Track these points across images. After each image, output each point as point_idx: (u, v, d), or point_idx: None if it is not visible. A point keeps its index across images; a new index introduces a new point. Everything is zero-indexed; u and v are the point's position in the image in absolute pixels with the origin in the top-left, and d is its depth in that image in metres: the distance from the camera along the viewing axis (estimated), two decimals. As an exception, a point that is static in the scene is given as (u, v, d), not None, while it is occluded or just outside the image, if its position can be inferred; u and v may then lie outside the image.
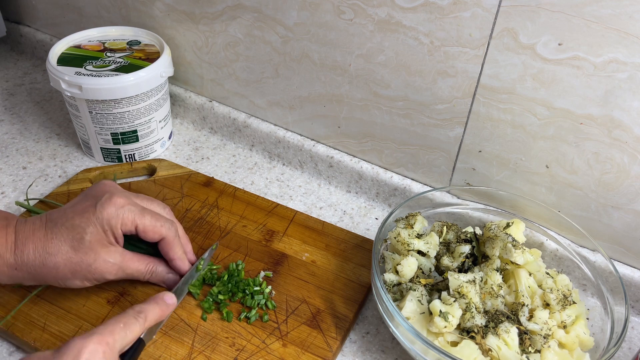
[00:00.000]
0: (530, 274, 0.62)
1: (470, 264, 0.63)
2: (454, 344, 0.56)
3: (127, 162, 0.85)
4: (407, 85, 0.70)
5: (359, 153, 0.81)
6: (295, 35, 0.75)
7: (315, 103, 0.80)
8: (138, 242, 0.65)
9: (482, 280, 0.60)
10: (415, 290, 0.59)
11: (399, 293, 0.61)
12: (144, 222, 0.60)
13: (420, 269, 0.63)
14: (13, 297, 0.63)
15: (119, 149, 0.83)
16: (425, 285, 0.61)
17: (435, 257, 0.65)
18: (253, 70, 0.83)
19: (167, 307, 0.55)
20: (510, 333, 0.56)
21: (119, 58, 0.81)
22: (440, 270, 0.64)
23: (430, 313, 0.56)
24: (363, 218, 0.80)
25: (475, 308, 0.56)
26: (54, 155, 0.87)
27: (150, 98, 0.81)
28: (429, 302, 0.58)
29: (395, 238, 0.64)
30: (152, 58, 0.82)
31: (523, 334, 0.57)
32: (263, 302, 0.63)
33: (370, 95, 0.74)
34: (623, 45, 0.55)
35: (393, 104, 0.73)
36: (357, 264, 0.70)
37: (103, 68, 0.79)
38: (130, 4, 0.89)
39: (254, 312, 0.62)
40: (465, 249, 0.63)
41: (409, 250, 0.63)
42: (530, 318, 0.58)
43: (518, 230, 0.66)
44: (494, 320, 0.57)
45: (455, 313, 0.55)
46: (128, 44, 0.85)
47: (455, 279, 0.58)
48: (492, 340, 0.55)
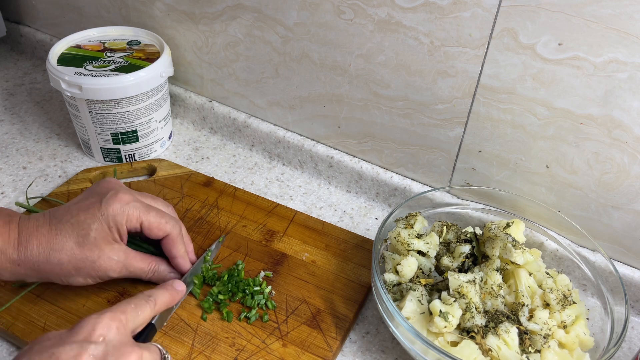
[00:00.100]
0: (530, 274, 0.62)
1: (470, 264, 0.63)
2: (454, 344, 0.56)
3: (127, 162, 0.85)
4: (407, 85, 0.70)
5: (359, 153, 0.81)
6: (295, 35, 0.75)
7: (315, 103, 0.80)
8: (140, 241, 0.65)
9: (482, 280, 0.60)
10: (415, 290, 0.59)
11: (399, 293, 0.61)
12: (149, 218, 0.60)
13: (420, 269, 0.63)
14: (13, 297, 0.63)
15: (119, 149, 0.83)
16: (425, 285, 0.61)
17: (435, 257, 0.65)
18: (253, 70, 0.83)
19: (176, 293, 0.56)
20: (510, 333, 0.56)
21: (119, 58, 0.81)
22: (440, 270, 0.64)
23: (430, 313, 0.56)
24: (363, 218, 0.80)
25: (475, 308, 0.56)
26: (54, 155, 0.87)
27: (150, 98, 0.81)
28: (429, 302, 0.58)
29: (395, 238, 0.64)
30: (152, 58, 0.82)
31: (523, 334, 0.57)
32: (263, 302, 0.63)
33: (370, 95, 0.74)
34: (623, 45, 0.55)
35: (393, 104, 0.73)
36: (357, 264, 0.70)
37: (103, 68, 0.79)
38: (130, 4, 0.89)
39: (254, 312, 0.62)
40: (465, 249, 0.63)
41: (409, 250, 0.63)
42: (530, 318, 0.58)
43: (518, 230, 0.66)
44: (494, 320, 0.57)
45: (455, 313, 0.55)
46: (128, 44, 0.85)
47: (455, 279, 0.58)
48: (492, 340, 0.55)
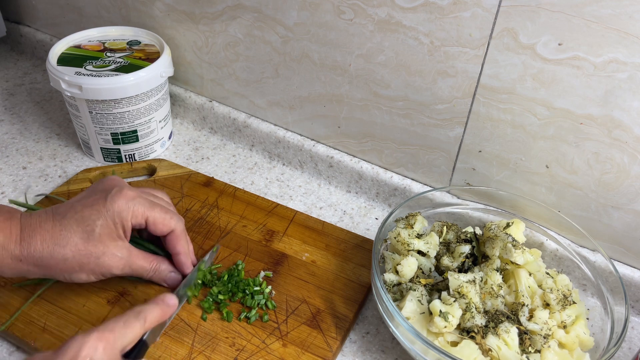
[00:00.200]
0: (530, 274, 0.62)
1: (470, 264, 0.63)
2: (454, 344, 0.56)
3: (127, 162, 0.85)
4: (407, 85, 0.70)
5: (359, 153, 0.81)
6: (295, 35, 0.75)
7: (315, 103, 0.80)
8: (142, 240, 0.65)
9: (482, 280, 0.60)
10: (415, 290, 0.59)
11: (399, 293, 0.61)
12: (154, 214, 0.60)
13: (420, 269, 0.63)
14: (14, 297, 0.63)
15: (119, 149, 0.83)
16: (425, 285, 0.61)
17: (435, 257, 0.65)
18: (253, 70, 0.83)
19: (167, 308, 0.54)
20: (510, 333, 0.56)
21: (119, 58, 0.81)
22: (440, 270, 0.64)
23: (430, 313, 0.56)
24: (363, 218, 0.80)
25: (475, 308, 0.56)
26: (54, 155, 0.87)
27: (150, 98, 0.81)
28: (429, 302, 0.58)
29: (395, 238, 0.64)
30: (152, 58, 0.82)
31: (523, 334, 0.57)
32: (263, 302, 0.63)
33: (370, 95, 0.74)
34: (623, 45, 0.55)
35: (393, 104, 0.73)
36: (357, 264, 0.70)
37: (103, 68, 0.79)
38: (130, 4, 0.89)
39: (254, 312, 0.62)
40: (465, 249, 0.63)
41: (409, 250, 0.63)
42: (530, 318, 0.58)
43: (518, 230, 0.66)
44: (494, 320, 0.57)
45: (455, 313, 0.55)
46: (128, 44, 0.85)
47: (455, 279, 0.58)
48: (492, 340, 0.55)
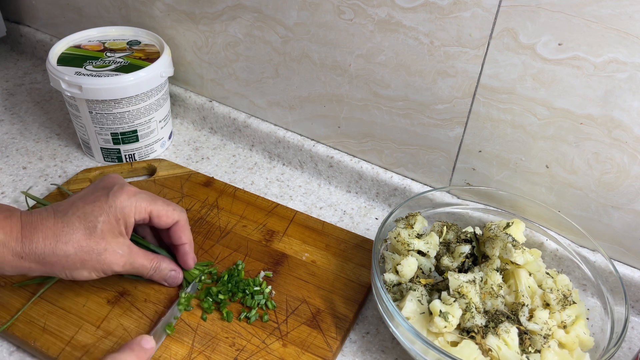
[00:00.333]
0: (530, 274, 0.62)
1: (470, 264, 0.63)
2: (454, 344, 0.56)
3: (127, 162, 0.85)
4: (407, 85, 0.70)
5: (359, 153, 0.81)
6: (295, 35, 0.75)
7: (315, 103, 0.80)
8: (142, 240, 0.66)
9: (482, 280, 0.60)
10: (415, 290, 0.59)
11: (399, 293, 0.61)
12: (157, 207, 0.60)
13: (420, 269, 0.63)
14: (14, 297, 0.63)
15: (119, 149, 0.83)
16: (425, 285, 0.61)
17: (435, 257, 0.65)
18: (253, 70, 0.83)
19: (144, 352, 0.52)
20: (510, 333, 0.56)
21: (119, 58, 0.81)
22: (440, 270, 0.64)
23: (430, 313, 0.56)
24: (363, 218, 0.80)
25: (475, 308, 0.56)
26: (54, 155, 0.87)
27: (150, 98, 0.81)
28: (429, 302, 0.58)
29: (395, 238, 0.64)
30: (152, 58, 0.82)
31: (523, 334, 0.57)
32: (263, 302, 0.63)
33: (370, 95, 0.74)
34: (623, 45, 0.55)
35: (393, 104, 0.73)
36: (357, 264, 0.70)
37: (103, 68, 0.79)
38: (130, 4, 0.89)
39: (254, 312, 0.62)
40: (465, 249, 0.63)
41: (409, 250, 0.63)
42: (530, 318, 0.58)
43: (518, 230, 0.66)
44: (494, 320, 0.57)
45: (455, 313, 0.55)
46: (128, 44, 0.85)
47: (455, 279, 0.58)
48: (492, 340, 0.55)
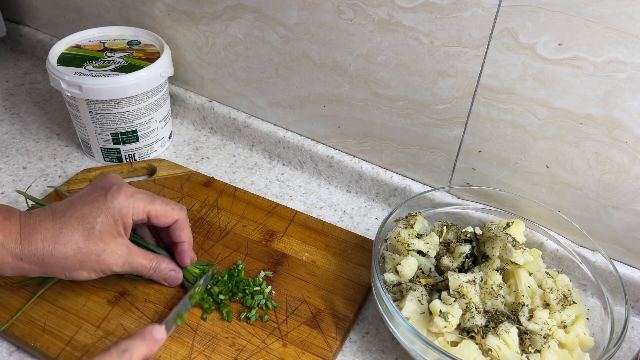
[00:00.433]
0: (530, 274, 0.62)
1: (470, 264, 0.63)
2: (454, 344, 0.56)
3: (127, 162, 0.85)
4: (407, 85, 0.70)
5: (359, 153, 0.81)
6: (295, 35, 0.75)
7: (315, 103, 0.80)
8: (142, 240, 0.66)
9: (482, 280, 0.60)
10: (415, 290, 0.59)
11: (399, 293, 0.61)
12: (155, 207, 0.60)
13: (420, 269, 0.63)
14: (14, 297, 0.63)
15: (119, 149, 0.83)
16: (425, 285, 0.61)
17: (435, 257, 0.65)
18: (253, 70, 0.83)
19: (155, 342, 0.52)
20: (510, 333, 0.56)
21: (119, 58, 0.81)
22: (440, 270, 0.64)
23: (430, 313, 0.56)
24: (363, 218, 0.80)
25: (475, 308, 0.56)
26: (54, 155, 0.87)
27: (150, 98, 0.81)
28: (429, 302, 0.58)
29: (395, 238, 0.64)
30: (152, 58, 0.82)
31: (523, 334, 0.57)
32: (263, 302, 0.63)
33: (370, 95, 0.74)
34: (623, 45, 0.55)
35: (393, 104, 0.73)
36: (357, 264, 0.70)
37: (103, 68, 0.79)
38: (130, 4, 0.89)
39: (254, 312, 0.62)
40: (465, 249, 0.63)
41: (409, 250, 0.63)
42: (530, 318, 0.58)
43: (518, 230, 0.66)
44: (494, 320, 0.57)
45: (455, 313, 0.55)
46: (128, 44, 0.85)
47: (455, 279, 0.58)
48: (492, 340, 0.55)
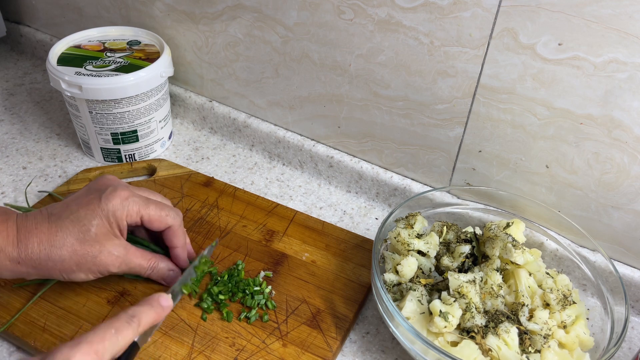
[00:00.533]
0: (530, 274, 0.62)
1: (470, 264, 0.63)
2: (454, 344, 0.56)
3: (127, 162, 0.85)
4: (407, 85, 0.70)
5: (359, 153, 0.81)
6: (295, 35, 0.75)
7: (315, 103, 0.80)
8: (140, 239, 0.66)
9: (482, 280, 0.60)
10: (415, 290, 0.59)
11: (399, 293, 0.61)
12: (149, 212, 0.60)
13: (420, 269, 0.63)
14: (14, 298, 0.63)
15: (119, 149, 0.83)
16: (425, 285, 0.61)
17: (435, 257, 0.65)
18: (253, 70, 0.83)
19: (162, 309, 0.52)
20: (510, 333, 0.56)
21: (119, 58, 0.81)
22: (440, 270, 0.64)
23: (430, 313, 0.56)
24: (363, 218, 0.80)
25: (475, 308, 0.56)
26: (54, 155, 0.87)
27: (150, 98, 0.81)
28: (429, 302, 0.58)
29: (395, 238, 0.64)
30: (152, 58, 0.82)
31: (523, 334, 0.57)
32: (263, 302, 0.63)
33: (370, 95, 0.74)
34: (623, 45, 0.55)
35: (393, 104, 0.73)
36: (357, 264, 0.70)
37: (103, 68, 0.79)
38: (130, 4, 0.89)
39: (254, 312, 0.62)
40: (465, 249, 0.63)
41: (409, 250, 0.63)
42: (530, 318, 0.58)
43: (518, 230, 0.66)
44: (494, 320, 0.57)
45: (455, 313, 0.55)
46: (128, 44, 0.85)
47: (455, 279, 0.58)
48: (492, 340, 0.55)
